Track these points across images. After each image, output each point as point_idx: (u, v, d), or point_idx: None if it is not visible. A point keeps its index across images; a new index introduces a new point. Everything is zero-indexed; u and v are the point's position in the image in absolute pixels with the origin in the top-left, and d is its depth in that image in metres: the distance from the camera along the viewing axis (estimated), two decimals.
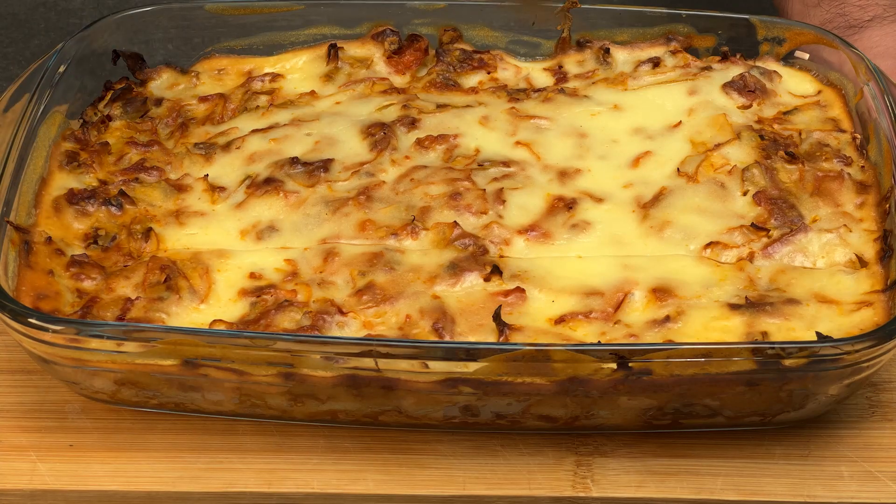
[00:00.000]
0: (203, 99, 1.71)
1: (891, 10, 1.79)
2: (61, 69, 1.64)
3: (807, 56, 1.71)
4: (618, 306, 1.43)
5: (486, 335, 1.40)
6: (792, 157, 1.58)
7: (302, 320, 1.41)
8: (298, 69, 1.76)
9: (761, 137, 1.60)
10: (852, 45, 1.68)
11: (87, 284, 1.46)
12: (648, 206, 1.54)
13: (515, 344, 1.37)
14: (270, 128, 1.65)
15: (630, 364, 1.32)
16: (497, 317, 1.40)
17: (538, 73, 1.74)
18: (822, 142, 1.60)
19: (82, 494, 1.40)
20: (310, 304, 1.43)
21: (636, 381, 1.34)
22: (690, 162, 1.57)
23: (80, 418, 1.46)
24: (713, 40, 1.75)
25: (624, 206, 1.54)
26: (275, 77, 1.74)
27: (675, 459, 1.41)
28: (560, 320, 1.42)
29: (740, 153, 1.59)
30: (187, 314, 1.43)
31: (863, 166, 1.57)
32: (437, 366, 1.33)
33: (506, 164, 1.59)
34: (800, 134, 1.62)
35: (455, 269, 1.46)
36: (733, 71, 1.69)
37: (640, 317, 1.42)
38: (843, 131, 1.62)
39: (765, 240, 1.49)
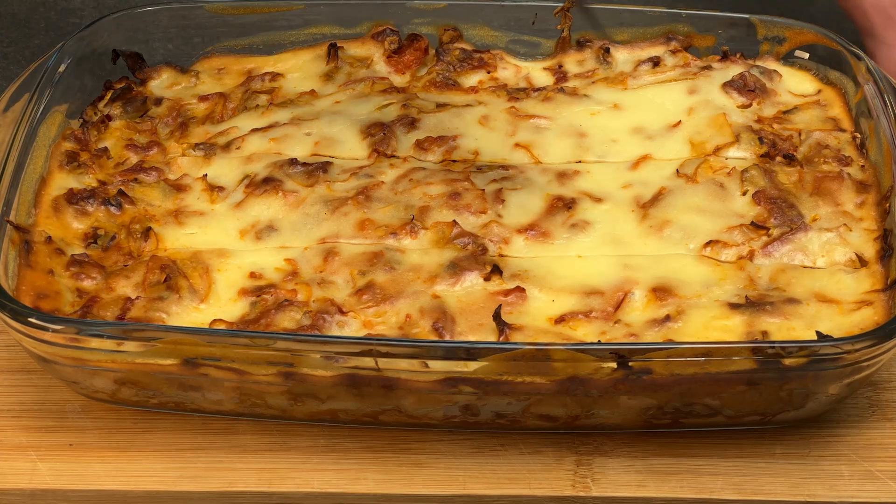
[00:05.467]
0: (203, 98, 1.71)
1: None
2: (61, 69, 1.64)
3: (807, 55, 1.71)
4: (618, 306, 1.43)
5: (486, 335, 1.40)
6: (791, 160, 1.58)
7: (302, 320, 1.41)
8: (298, 68, 1.76)
9: (760, 141, 1.60)
10: (853, 44, 1.68)
11: (87, 284, 1.46)
12: (648, 205, 1.54)
13: (515, 343, 1.37)
14: (270, 127, 1.65)
15: (630, 363, 1.32)
16: (497, 316, 1.40)
17: (538, 73, 1.75)
18: (821, 141, 1.60)
19: (82, 494, 1.40)
20: (310, 303, 1.43)
21: (636, 380, 1.33)
22: (689, 164, 1.57)
23: (81, 418, 1.46)
24: (713, 40, 1.75)
25: (623, 205, 1.54)
26: (275, 76, 1.74)
27: (676, 459, 1.41)
28: (560, 320, 1.42)
29: (739, 156, 1.59)
30: (187, 314, 1.43)
31: (863, 165, 1.57)
32: (438, 365, 1.33)
33: (504, 168, 1.59)
34: (799, 134, 1.62)
35: (455, 269, 1.46)
36: (733, 70, 1.69)
37: (640, 316, 1.42)
38: (843, 131, 1.62)
39: (764, 238, 1.49)
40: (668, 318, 1.41)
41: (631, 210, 1.53)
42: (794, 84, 1.71)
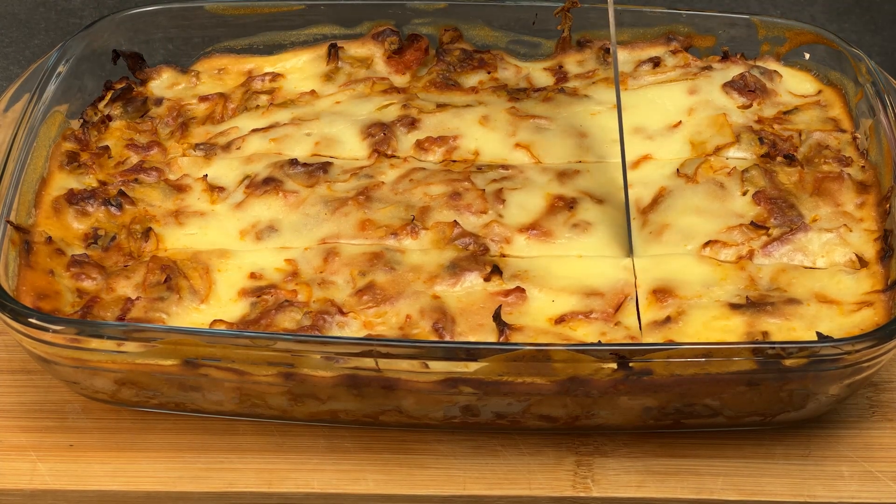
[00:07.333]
0: (203, 98, 1.71)
1: None
2: (61, 69, 1.64)
3: (807, 56, 1.71)
4: (618, 307, 1.43)
5: (486, 335, 1.40)
6: (791, 160, 1.58)
7: (302, 320, 1.41)
8: (298, 69, 1.76)
9: (761, 141, 1.60)
10: (853, 44, 1.68)
11: (88, 284, 1.46)
12: (647, 210, 1.54)
13: (516, 344, 1.37)
14: (270, 127, 1.65)
15: (630, 364, 1.32)
16: (497, 316, 1.40)
17: (538, 73, 1.74)
18: (822, 142, 1.60)
19: (82, 494, 1.40)
20: (310, 304, 1.43)
21: (636, 380, 1.33)
22: (690, 164, 1.57)
23: (80, 418, 1.46)
24: (713, 40, 1.75)
25: (624, 207, 1.54)
26: (275, 76, 1.74)
27: (676, 459, 1.41)
28: (560, 320, 1.42)
29: (740, 156, 1.59)
30: (188, 314, 1.43)
31: (863, 166, 1.57)
32: (438, 366, 1.33)
33: (505, 168, 1.59)
34: (800, 134, 1.62)
35: (455, 269, 1.46)
36: (733, 70, 1.69)
37: (640, 317, 1.42)
38: (843, 131, 1.62)
39: (764, 238, 1.49)
40: (668, 319, 1.41)
41: (632, 215, 1.53)
42: (795, 84, 1.71)
